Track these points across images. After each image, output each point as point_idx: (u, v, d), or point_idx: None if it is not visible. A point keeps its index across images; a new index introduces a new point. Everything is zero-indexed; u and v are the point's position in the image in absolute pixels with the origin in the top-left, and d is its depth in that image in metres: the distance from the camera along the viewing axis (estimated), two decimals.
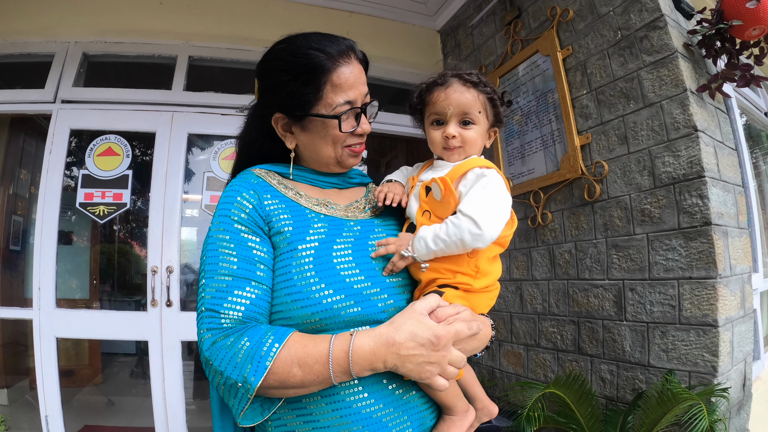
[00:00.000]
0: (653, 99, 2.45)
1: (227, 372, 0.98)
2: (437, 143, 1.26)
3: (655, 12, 2.44)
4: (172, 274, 3.35)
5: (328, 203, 1.28)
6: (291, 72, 1.18)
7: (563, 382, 2.46)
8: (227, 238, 1.12)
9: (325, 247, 1.13)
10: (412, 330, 1.02)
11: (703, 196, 2.23)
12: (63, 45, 3.53)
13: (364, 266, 1.15)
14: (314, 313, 1.05)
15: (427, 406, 1.16)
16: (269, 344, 0.99)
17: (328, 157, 1.26)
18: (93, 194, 3.43)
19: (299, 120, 1.22)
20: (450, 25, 4.32)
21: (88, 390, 4.25)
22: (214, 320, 1.04)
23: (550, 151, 3.10)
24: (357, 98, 1.21)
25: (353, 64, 1.21)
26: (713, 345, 2.16)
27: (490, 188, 1.14)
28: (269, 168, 1.31)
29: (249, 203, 1.16)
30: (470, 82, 1.24)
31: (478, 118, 1.23)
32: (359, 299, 1.09)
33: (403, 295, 1.19)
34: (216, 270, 1.10)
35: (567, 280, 2.94)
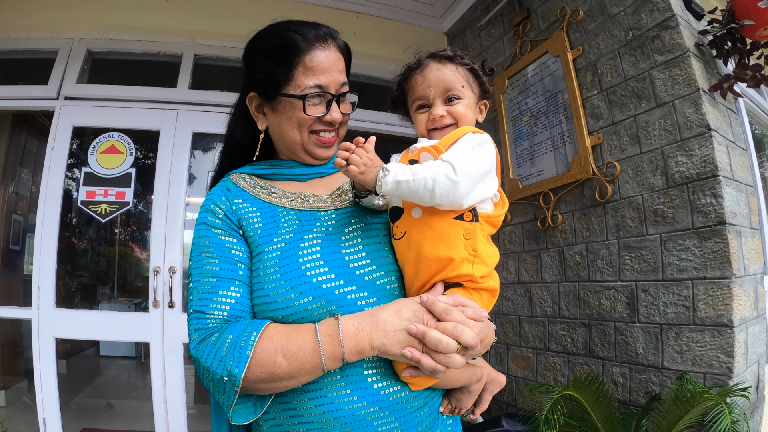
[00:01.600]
0: (665, 98, 2.48)
1: (213, 367, 1.00)
2: (423, 126, 1.23)
3: (667, 12, 2.48)
4: (174, 275, 3.36)
5: (305, 196, 1.27)
6: (267, 50, 1.23)
7: (581, 383, 2.46)
8: (207, 243, 1.17)
9: (291, 246, 1.13)
10: (396, 307, 1.04)
11: (717, 196, 2.24)
12: (67, 41, 3.56)
13: (334, 263, 1.11)
14: (285, 315, 1.06)
15: (423, 410, 1.13)
16: (247, 334, 1.01)
17: (294, 142, 1.27)
18: (95, 192, 3.44)
19: (270, 99, 1.25)
20: (457, 26, 4.36)
21: (87, 392, 4.24)
22: (201, 321, 1.08)
23: (561, 152, 3.12)
24: (329, 84, 1.22)
25: (330, 50, 1.23)
26: (728, 346, 2.17)
27: (478, 148, 1.09)
28: (247, 171, 1.33)
29: (221, 209, 1.20)
30: (445, 58, 1.22)
31: (462, 92, 1.20)
32: (331, 299, 1.06)
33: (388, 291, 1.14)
34: (201, 272, 1.14)
35: (578, 282, 2.95)
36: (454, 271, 1.07)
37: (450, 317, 1.00)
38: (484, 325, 1.07)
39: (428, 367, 0.98)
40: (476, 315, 1.04)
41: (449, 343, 0.97)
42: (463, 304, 1.05)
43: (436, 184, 0.99)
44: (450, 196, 1.01)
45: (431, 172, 1.00)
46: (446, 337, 0.97)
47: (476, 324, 1.03)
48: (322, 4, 3.97)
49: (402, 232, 1.12)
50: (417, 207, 1.10)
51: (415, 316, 1.01)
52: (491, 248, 1.14)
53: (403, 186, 1.01)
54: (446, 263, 1.07)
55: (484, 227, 1.11)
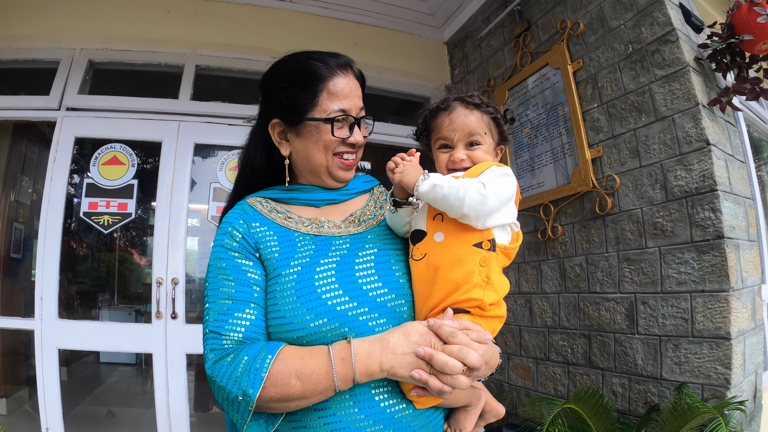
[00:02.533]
0: (665, 113, 2.52)
1: (228, 386, 1.05)
2: (444, 165, 1.30)
3: (667, 26, 2.52)
4: (177, 286, 3.39)
5: (320, 222, 1.32)
6: (290, 79, 1.29)
7: (581, 396, 2.50)
8: (224, 265, 1.22)
9: (308, 270, 1.17)
10: (404, 331, 1.09)
11: (716, 210, 2.29)
12: (69, 51, 3.59)
13: (348, 286, 1.16)
14: (300, 337, 1.11)
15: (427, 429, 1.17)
16: (263, 356, 1.05)
17: (320, 165, 1.32)
18: (97, 203, 3.48)
19: (294, 125, 1.30)
20: (458, 36, 4.40)
21: (89, 400, 4.26)
22: (217, 341, 1.13)
23: (561, 165, 3.17)
24: (351, 108, 1.29)
25: (349, 77, 1.31)
26: (726, 357, 2.22)
27: (504, 176, 1.17)
28: (264, 195, 1.39)
29: (239, 232, 1.25)
30: (473, 105, 1.29)
31: (483, 139, 1.28)
32: (344, 321, 1.11)
33: (398, 314, 1.19)
34: (217, 294, 1.19)
35: (578, 294, 2.99)
36: (465, 294, 1.13)
37: (455, 340, 1.04)
38: (488, 348, 1.12)
39: (435, 388, 1.02)
40: (481, 338, 1.08)
41: (455, 365, 1.01)
42: (468, 328, 1.09)
43: (467, 194, 1.08)
44: (478, 209, 1.10)
45: (465, 184, 1.09)
46: (452, 359, 1.01)
47: (481, 346, 1.06)
48: (323, 14, 4.02)
49: (422, 254, 1.18)
50: (439, 231, 1.17)
51: (423, 339, 1.06)
52: (503, 279, 1.20)
53: (437, 190, 1.11)
54: (459, 285, 1.12)
55: (499, 257, 1.17)
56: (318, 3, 3.92)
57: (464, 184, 1.09)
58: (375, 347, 1.05)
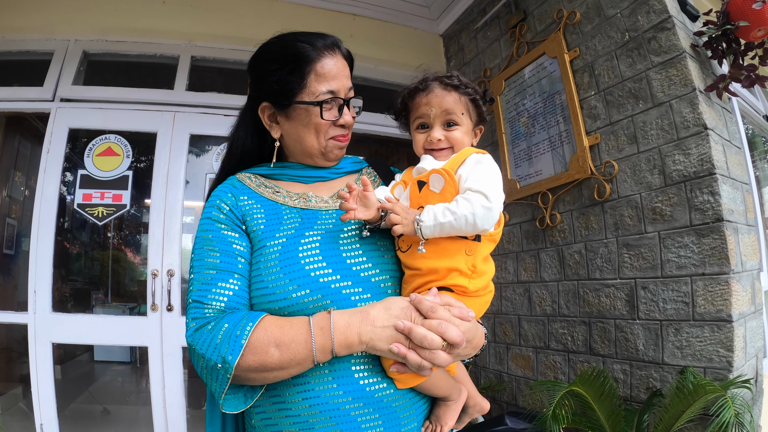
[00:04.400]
0: (662, 99, 2.54)
1: (208, 354, 1.04)
2: (421, 146, 1.30)
3: (663, 13, 2.54)
4: (173, 278, 3.36)
5: (307, 197, 1.34)
6: (278, 62, 1.29)
7: (586, 379, 2.49)
8: (210, 237, 1.23)
9: (292, 241, 1.18)
10: (385, 305, 1.09)
11: (715, 193, 2.30)
12: (63, 43, 3.56)
13: (332, 258, 1.16)
14: (282, 307, 1.11)
15: (408, 411, 1.17)
16: (243, 324, 1.05)
17: (312, 147, 1.33)
18: (92, 195, 3.44)
19: (284, 108, 1.31)
20: (453, 28, 4.41)
21: (83, 398, 4.22)
22: (199, 310, 1.14)
23: (558, 152, 3.18)
24: (340, 89, 1.29)
25: (337, 57, 1.31)
26: (728, 340, 2.22)
27: (491, 169, 1.17)
28: (252, 171, 1.40)
29: (226, 204, 1.27)
30: (451, 85, 1.28)
31: (461, 119, 1.27)
32: (327, 292, 1.11)
33: (382, 289, 1.19)
34: (202, 264, 1.20)
35: (577, 281, 3.00)
36: (450, 281, 1.13)
37: (435, 315, 1.04)
38: (471, 325, 1.11)
39: (414, 363, 1.02)
40: (462, 314, 1.07)
41: (434, 339, 1.01)
42: (449, 304, 1.09)
43: (476, 217, 1.07)
44: (489, 222, 1.10)
45: (468, 207, 1.08)
46: (431, 333, 1.01)
47: (462, 323, 1.06)
48: (318, 6, 4.01)
49: (408, 245, 1.18)
50: None
51: (404, 313, 1.06)
52: (489, 265, 1.21)
53: (446, 227, 1.09)
54: (445, 274, 1.13)
55: (485, 246, 1.17)
56: None
57: (468, 208, 1.08)
58: (355, 318, 1.06)
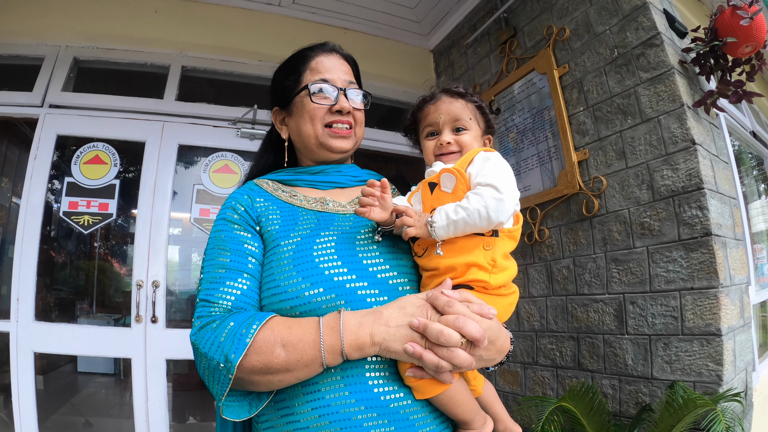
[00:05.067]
0: (651, 114, 2.53)
1: (210, 353, 0.99)
2: (431, 151, 1.31)
3: (652, 30, 2.54)
4: (158, 289, 3.27)
5: (324, 200, 1.31)
6: (282, 71, 1.41)
7: (575, 394, 2.45)
8: (222, 236, 1.20)
9: (307, 241, 1.14)
10: (400, 304, 1.02)
11: (703, 208, 2.28)
12: (53, 48, 3.49)
13: (348, 258, 1.12)
14: (293, 307, 1.06)
15: (427, 427, 1.06)
16: (249, 323, 1.00)
17: (308, 137, 1.33)
18: (78, 203, 3.35)
19: (287, 107, 1.38)
20: (444, 44, 4.41)
21: (65, 409, 4.09)
22: (206, 309, 1.10)
23: (547, 168, 3.16)
24: (334, 80, 1.32)
25: (333, 56, 1.37)
26: (717, 354, 2.19)
27: (500, 164, 1.15)
28: (269, 177, 1.40)
29: (241, 206, 1.25)
30: (457, 93, 1.31)
31: (469, 124, 1.28)
32: (341, 292, 1.05)
33: (399, 292, 1.12)
34: (212, 264, 1.16)
35: (565, 296, 2.96)
36: (470, 276, 1.08)
37: (452, 310, 0.97)
38: (493, 324, 1.02)
39: (431, 363, 0.94)
40: (483, 311, 1.00)
41: (451, 334, 0.93)
42: (468, 300, 1.01)
43: (488, 209, 1.04)
44: (504, 213, 1.06)
45: (479, 201, 1.05)
46: (448, 328, 0.94)
47: (483, 320, 0.98)
48: (309, 19, 4.00)
49: (424, 249, 1.15)
50: None
51: (420, 311, 0.99)
52: (510, 262, 1.16)
53: (459, 224, 1.06)
54: (464, 270, 1.08)
55: (504, 241, 1.13)
56: (306, 8, 3.90)
57: (478, 202, 1.05)
58: (367, 318, 0.99)
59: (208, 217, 3.54)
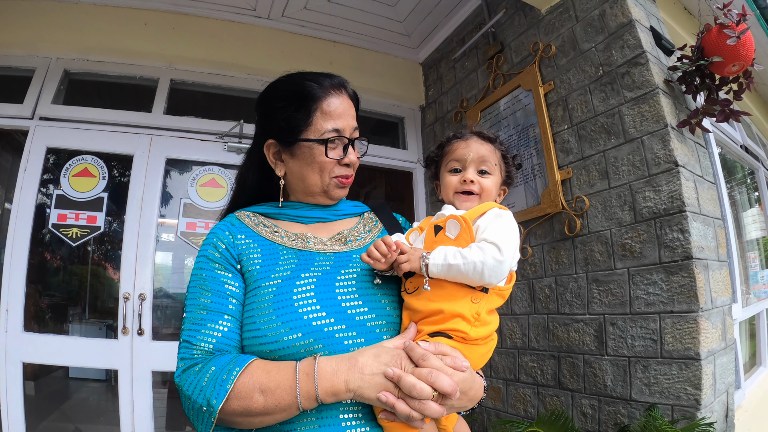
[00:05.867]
0: (634, 134, 2.47)
1: (194, 396, 1.00)
2: (452, 187, 1.30)
3: (637, 49, 2.48)
4: (144, 302, 3.23)
5: (305, 237, 1.28)
6: (285, 99, 1.27)
7: (546, 420, 2.39)
8: (204, 276, 1.19)
9: (287, 283, 1.12)
10: (375, 351, 1.02)
11: (684, 231, 2.23)
12: (45, 60, 3.44)
13: (326, 302, 1.11)
14: (273, 351, 1.05)
15: None
16: (230, 368, 1.00)
17: (314, 186, 1.28)
18: (66, 215, 3.30)
19: (289, 146, 1.27)
20: (432, 57, 4.36)
21: (55, 416, 4.05)
22: (188, 351, 1.10)
23: (531, 186, 3.10)
24: (345, 128, 1.26)
25: (343, 97, 1.28)
26: (696, 378, 2.14)
27: (509, 224, 1.15)
28: (253, 210, 1.35)
29: (223, 243, 1.22)
30: (488, 138, 1.33)
31: (494, 169, 1.29)
32: (319, 336, 1.05)
33: (377, 334, 1.12)
34: (194, 304, 1.15)
35: (547, 315, 2.90)
36: (452, 325, 1.08)
37: (427, 363, 0.98)
38: (466, 376, 1.04)
39: (402, 413, 0.95)
40: (456, 364, 1.01)
41: (423, 388, 0.94)
42: (443, 353, 1.03)
43: (485, 266, 1.05)
44: (498, 275, 1.07)
45: (480, 256, 1.05)
46: (420, 382, 0.95)
47: (456, 373, 1.00)
48: (299, 32, 3.94)
49: (415, 287, 1.14)
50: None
51: (394, 360, 1.00)
52: (493, 317, 1.16)
53: (454, 269, 1.07)
54: (448, 317, 1.08)
55: (493, 298, 1.14)
56: (295, 21, 3.83)
57: (479, 256, 1.05)
58: (342, 365, 0.99)
59: (194, 231, 3.50)
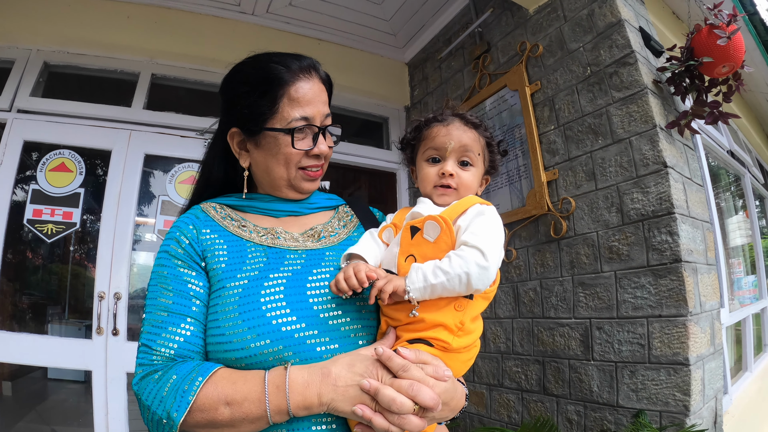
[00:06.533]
0: (622, 135, 2.40)
1: (153, 407, 0.92)
2: (430, 180, 1.16)
3: (626, 48, 2.41)
4: (119, 301, 3.10)
5: (276, 233, 1.17)
6: (250, 83, 1.14)
7: (531, 427, 2.30)
8: (165, 273, 1.08)
9: (254, 284, 1.02)
10: (348, 360, 0.93)
11: (673, 233, 2.15)
12: (24, 52, 3.30)
13: (297, 305, 1.00)
14: (239, 359, 0.96)
15: None
16: (192, 378, 0.92)
17: (280, 179, 1.18)
18: (42, 211, 3.16)
19: (253, 135, 1.16)
20: (418, 57, 4.27)
21: (31, 417, 3.91)
22: (147, 356, 1.00)
23: (516, 187, 3.01)
24: (315, 116, 1.14)
25: (313, 81, 1.16)
26: (684, 384, 2.06)
27: (493, 223, 1.04)
28: (219, 201, 1.24)
29: (186, 238, 1.11)
30: (472, 123, 1.18)
31: (476, 159, 1.16)
32: (289, 343, 0.95)
33: (352, 339, 1.02)
34: (154, 304, 1.05)
35: (532, 319, 2.81)
36: (433, 334, 0.99)
37: (407, 374, 0.89)
38: (448, 386, 0.94)
39: (380, 428, 0.86)
40: (438, 374, 0.92)
41: (404, 402, 0.85)
42: (424, 362, 0.93)
43: (470, 276, 0.94)
44: (484, 282, 0.97)
45: (463, 266, 0.95)
46: (401, 396, 0.86)
47: (438, 383, 0.91)
48: (284, 29, 3.84)
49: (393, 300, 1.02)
50: None
51: (368, 371, 0.90)
52: (477, 324, 1.06)
53: (438, 288, 0.96)
54: (429, 326, 0.99)
55: (478, 303, 1.04)
56: (280, 18, 3.73)
57: (462, 267, 0.94)
58: (314, 377, 0.90)
59: None
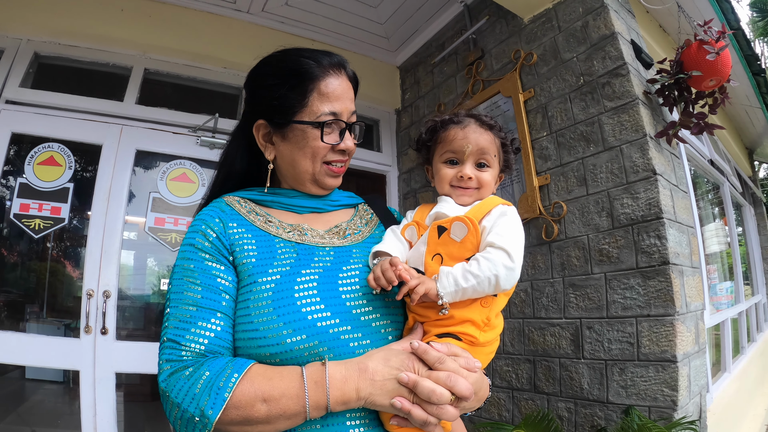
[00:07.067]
0: (613, 143, 2.49)
1: (184, 404, 0.88)
2: (448, 180, 1.19)
3: (619, 60, 2.50)
4: (108, 299, 3.02)
5: (302, 229, 1.17)
6: (279, 76, 1.13)
7: (532, 420, 2.36)
8: (192, 267, 1.05)
9: (287, 279, 1.01)
10: (384, 355, 0.95)
11: (662, 237, 2.25)
12: (14, 41, 3.20)
13: (331, 301, 1.01)
14: (273, 354, 0.95)
15: None
16: (228, 374, 0.89)
17: (305, 172, 1.17)
18: (29, 205, 3.06)
19: (281, 128, 1.15)
20: (411, 61, 4.32)
21: (11, 419, 3.81)
22: (175, 352, 0.96)
23: (508, 191, 3.08)
24: (343, 112, 1.14)
25: (342, 78, 1.16)
26: (672, 380, 2.16)
27: (516, 224, 1.08)
28: (242, 195, 1.23)
29: (213, 231, 1.09)
30: (487, 125, 1.20)
31: (493, 161, 1.19)
32: (324, 339, 0.95)
33: (383, 335, 1.04)
34: (181, 299, 1.02)
35: (522, 319, 2.88)
36: (462, 329, 1.02)
37: (444, 366, 0.91)
38: (478, 377, 0.97)
39: (419, 419, 0.88)
40: (470, 365, 0.94)
41: (443, 393, 0.87)
42: (456, 354, 0.96)
43: (498, 278, 0.98)
44: (511, 281, 1.01)
45: (492, 269, 0.98)
46: (440, 387, 0.88)
47: (470, 374, 0.93)
48: (279, 29, 3.84)
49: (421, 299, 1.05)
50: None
51: (404, 364, 0.92)
52: (500, 319, 1.12)
53: (468, 291, 0.99)
54: (458, 322, 1.02)
55: (501, 300, 1.09)
56: (275, 17, 3.73)
57: (491, 270, 0.98)
58: (352, 372, 0.90)
59: (163, 227, 3.32)
